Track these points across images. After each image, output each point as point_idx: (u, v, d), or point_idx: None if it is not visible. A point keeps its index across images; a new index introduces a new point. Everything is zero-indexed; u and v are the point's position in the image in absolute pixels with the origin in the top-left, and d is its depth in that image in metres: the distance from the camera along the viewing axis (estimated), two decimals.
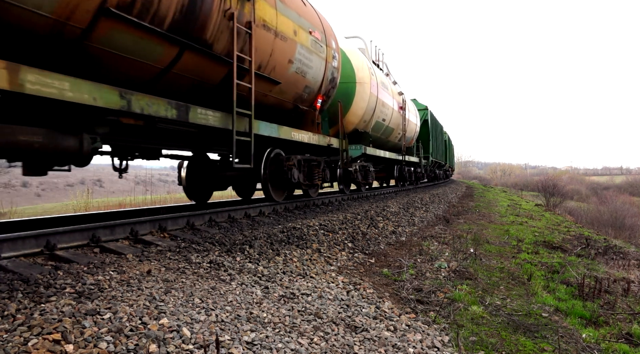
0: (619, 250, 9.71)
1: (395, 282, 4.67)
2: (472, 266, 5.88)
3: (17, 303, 2.44)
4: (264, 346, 2.50)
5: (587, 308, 5.01)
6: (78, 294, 2.65)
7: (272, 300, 3.34)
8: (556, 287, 5.88)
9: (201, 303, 2.92)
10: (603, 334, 4.29)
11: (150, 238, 4.36)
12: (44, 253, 3.51)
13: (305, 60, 7.10)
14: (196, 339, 2.38)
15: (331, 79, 8.38)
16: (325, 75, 8.01)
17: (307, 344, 2.71)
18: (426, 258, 5.92)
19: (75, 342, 2.11)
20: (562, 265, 7.13)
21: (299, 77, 7.04)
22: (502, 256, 7.23)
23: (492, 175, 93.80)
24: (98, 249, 3.83)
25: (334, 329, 3.03)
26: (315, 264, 4.61)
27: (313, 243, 5.27)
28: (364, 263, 5.23)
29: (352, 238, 6.11)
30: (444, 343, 3.22)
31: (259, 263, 4.15)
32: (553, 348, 3.46)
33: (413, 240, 7.25)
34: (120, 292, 2.78)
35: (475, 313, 4.03)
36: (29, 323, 2.19)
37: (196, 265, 3.73)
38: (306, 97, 7.61)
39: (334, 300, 3.64)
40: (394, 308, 3.81)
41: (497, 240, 8.85)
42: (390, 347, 2.94)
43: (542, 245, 9.10)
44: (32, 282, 2.77)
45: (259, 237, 4.93)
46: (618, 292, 5.87)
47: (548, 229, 12.17)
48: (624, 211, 28.37)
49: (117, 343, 2.17)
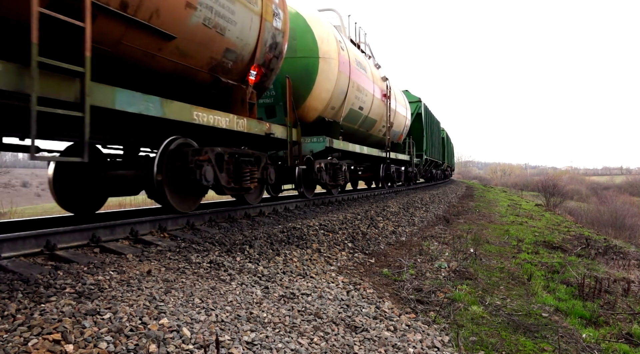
0: (619, 250, 9.71)
1: (395, 282, 4.67)
2: (472, 266, 5.88)
3: (17, 303, 2.44)
4: (264, 346, 2.50)
5: (587, 308, 5.02)
6: (78, 294, 2.65)
7: (272, 300, 3.34)
8: (556, 287, 5.88)
9: (201, 303, 2.92)
10: (603, 334, 4.29)
11: (150, 238, 4.36)
12: (44, 253, 3.51)
13: (222, 10, 5.11)
14: (196, 339, 2.38)
15: (272, 45, 6.38)
16: (262, 38, 6.01)
17: (307, 344, 2.71)
18: (426, 258, 5.91)
19: (75, 342, 2.11)
20: (562, 265, 7.13)
21: (211, 34, 5.03)
22: (502, 256, 7.22)
23: (492, 175, 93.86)
24: (98, 249, 3.83)
25: (334, 329, 3.03)
26: (315, 264, 4.61)
27: (313, 243, 5.27)
28: (364, 263, 5.23)
29: (352, 238, 6.11)
30: (444, 343, 3.22)
31: (259, 263, 4.15)
32: (553, 348, 3.46)
33: (413, 240, 7.25)
34: (120, 292, 2.78)
35: (475, 313, 4.03)
36: (29, 323, 2.19)
37: (196, 265, 3.73)
38: (231, 66, 5.60)
39: (334, 300, 3.64)
40: (394, 308, 3.81)
41: (497, 240, 8.85)
42: (390, 347, 2.94)
43: (542, 245, 9.10)
44: (32, 282, 2.77)
45: (259, 237, 4.93)
46: (618, 292, 5.87)
47: (548, 229, 12.17)
48: (624, 211, 28.40)
49: (117, 343, 2.17)
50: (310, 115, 8.68)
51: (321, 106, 8.73)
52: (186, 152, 5.06)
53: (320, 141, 8.48)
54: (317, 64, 8.48)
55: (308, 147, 8.39)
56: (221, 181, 5.52)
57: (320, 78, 8.51)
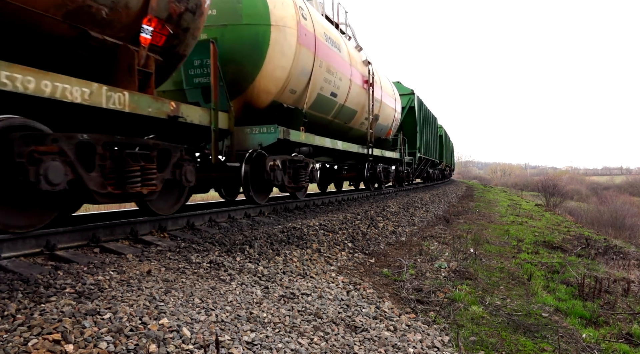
0: (619, 250, 9.72)
1: (395, 282, 4.67)
2: (472, 266, 5.88)
3: (17, 303, 2.44)
4: (264, 346, 2.50)
5: (587, 308, 5.02)
6: (78, 294, 2.65)
7: (272, 300, 3.34)
8: (556, 287, 5.88)
9: (201, 303, 2.92)
10: (603, 334, 4.29)
11: (150, 238, 4.36)
12: (44, 253, 3.51)
13: None
14: (196, 339, 2.38)
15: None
16: None
17: (307, 344, 2.71)
18: (426, 258, 5.92)
19: (75, 342, 2.11)
20: (562, 265, 7.13)
21: None
22: (502, 256, 7.23)
23: (492, 175, 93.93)
24: (98, 249, 3.83)
25: (334, 329, 3.03)
26: (315, 264, 4.61)
27: (313, 243, 5.27)
28: (364, 263, 5.23)
29: (352, 238, 6.11)
30: (444, 343, 3.22)
31: (259, 263, 4.15)
32: (553, 348, 3.46)
33: (413, 240, 7.25)
34: (120, 292, 2.78)
35: (475, 313, 4.03)
36: (29, 323, 2.19)
37: (196, 265, 3.73)
38: (107, 15, 3.91)
39: (334, 300, 3.64)
40: (394, 308, 3.81)
41: (497, 240, 8.85)
42: (390, 347, 2.94)
43: (542, 245, 9.11)
44: (32, 282, 2.77)
45: (259, 237, 4.93)
46: (618, 292, 5.87)
47: (548, 229, 12.17)
48: (624, 211, 28.40)
49: (117, 343, 2.17)
50: (261, 99, 6.85)
51: (275, 88, 6.87)
52: (12, 140, 3.34)
53: (271, 131, 6.58)
54: (267, 34, 6.59)
55: (256, 139, 6.62)
56: (89, 185, 3.81)
57: (272, 52, 6.63)
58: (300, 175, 7.52)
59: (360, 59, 10.74)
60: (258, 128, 6.66)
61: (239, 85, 6.62)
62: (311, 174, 8.00)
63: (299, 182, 7.49)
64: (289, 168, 7.22)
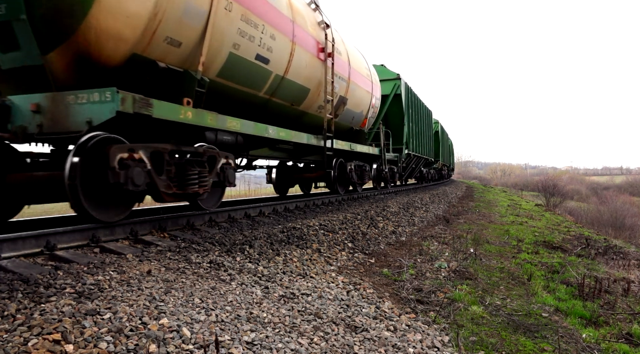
0: (619, 250, 9.71)
1: (395, 282, 4.67)
2: (472, 266, 5.88)
3: (17, 303, 2.44)
4: (264, 346, 2.50)
5: (587, 308, 5.02)
6: (78, 294, 2.65)
7: (272, 300, 3.34)
8: (556, 287, 5.88)
9: (201, 303, 2.92)
10: (603, 334, 4.29)
11: (150, 238, 4.36)
12: (44, 253, 3.51)
13: None
14: (196, 339, 2.38)
15: None
16: None
17: (307, 344, 2.71)
18: (426, 258, 5.92)
19: (75, 342, 2.11)
20: (562, 265, 7.13)
21: None
22: (502, 256, 7.23)
23: (492, 175, 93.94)
24: (98, 249, 3.83)
25: (334, 329, 3.03)
26: (315, 264, 4.61)
27: (313, 243, 5.27)
28: (364, 263, 5.23)
29: (352, 238, 6.11)
30: (444, 343, 3.22)
31: (259, 263, 4.15)
32: (553, 348, 3.46)
33: (413, 240, 7.25)
34: (120, 292, 2.78)
35: (475, 313, 4.03)
36: (29, 323, 2.19)
37: (196, 265, 3.73)
38: None
39: (334, 300, 3.64)
40: (394, 308, 3.81)
41: (497, 240, 8.85)
42: (390, 347, 2.94)
43: (542, 245, 9.11)
44: (32, 282, 2.77)
45: (259, 237, 4.93)
46: (618, 292, 5.87)
47: (548, 229, 12.17)
48: (624, 211, 28.41)
49: (117, 343, 2.17)
50: (107, 48, 4.07)
51: (131, 31, 4.14)
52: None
53: (105, 99, 3.82)
54: None
55: (82, 113, 3.88)
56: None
57: None
58: (189, 176, 4.86)
59: (314, 19, 7.88)
60: (86, 95, 3.90)
61: (62, 24, 3.84)
62: (222, 174, 5.54)
63: (187, 187, 4.84)
64: (169, 165, 4.63)
